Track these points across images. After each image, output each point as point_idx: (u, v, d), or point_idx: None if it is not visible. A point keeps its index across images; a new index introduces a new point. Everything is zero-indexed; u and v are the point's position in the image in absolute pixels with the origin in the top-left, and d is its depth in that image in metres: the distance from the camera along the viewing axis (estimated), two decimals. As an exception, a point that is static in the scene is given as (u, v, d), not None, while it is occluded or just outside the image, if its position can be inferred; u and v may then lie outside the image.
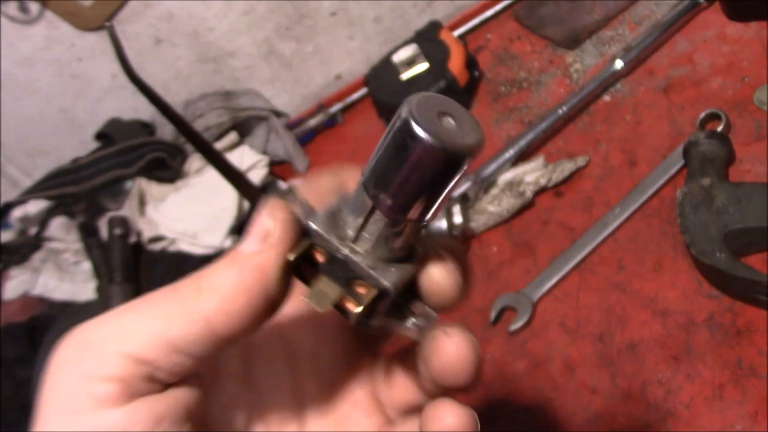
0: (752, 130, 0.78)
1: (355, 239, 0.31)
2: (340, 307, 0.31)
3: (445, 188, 0.29)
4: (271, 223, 0.30)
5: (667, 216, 0.77)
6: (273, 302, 0.30)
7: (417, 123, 0.27)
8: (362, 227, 0.30)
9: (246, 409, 0.34)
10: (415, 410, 0.35)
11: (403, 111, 0.28)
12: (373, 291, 0.30)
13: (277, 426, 0.35)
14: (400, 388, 0.36)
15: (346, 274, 0.30)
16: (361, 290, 0.30)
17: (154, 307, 0.29)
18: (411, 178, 0.28)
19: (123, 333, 0.29)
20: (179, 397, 0.30)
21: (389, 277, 0.30)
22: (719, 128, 0.79)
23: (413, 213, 0.29)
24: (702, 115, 0.81)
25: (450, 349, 0.31)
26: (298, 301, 0.31)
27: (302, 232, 0.30)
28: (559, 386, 0.71)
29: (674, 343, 0.68)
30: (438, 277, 0.31)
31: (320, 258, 0.31)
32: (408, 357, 0.35)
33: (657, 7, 1.01)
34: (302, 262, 0.30)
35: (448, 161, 0.27)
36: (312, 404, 0.36)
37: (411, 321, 0.32)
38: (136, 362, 0.28)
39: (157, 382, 0.29)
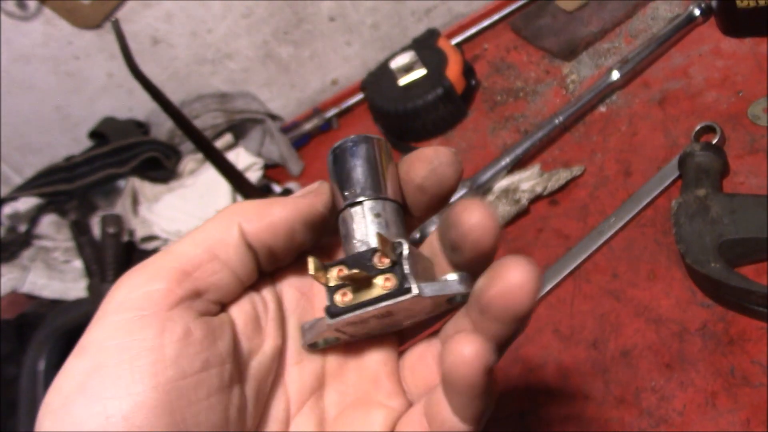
0: (746, 143, 0.79)
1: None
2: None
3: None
4: (314, 187, 0.36)
5: (662, 226, 0.78)
6: (296, 234, 0.35)
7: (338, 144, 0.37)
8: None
9: (276, 372, 0.37)
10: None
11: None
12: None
13: (296, 398, 0.37)
14: (423, 371, 0.37)
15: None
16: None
17: (198, 229, 0.34)
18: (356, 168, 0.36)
19: (171, 251, 0.34)
20: (214, 319, 0.33)
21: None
22: (714, 141, 0.80)
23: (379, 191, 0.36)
24: (697, 127, 0.82)
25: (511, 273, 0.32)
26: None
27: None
28: (552, 392, 0.72)
29: (667, 351, 0.68)
30: (469, 215, 0.33)
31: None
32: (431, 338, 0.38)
33: (653, 21, 1.02)
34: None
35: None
36: (332, 383, 0.38)
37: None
38: (182, 273, 0.33)
39: (201, 297, 0.33)
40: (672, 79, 0.92)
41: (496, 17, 1.19)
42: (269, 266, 0.36)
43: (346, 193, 0.36)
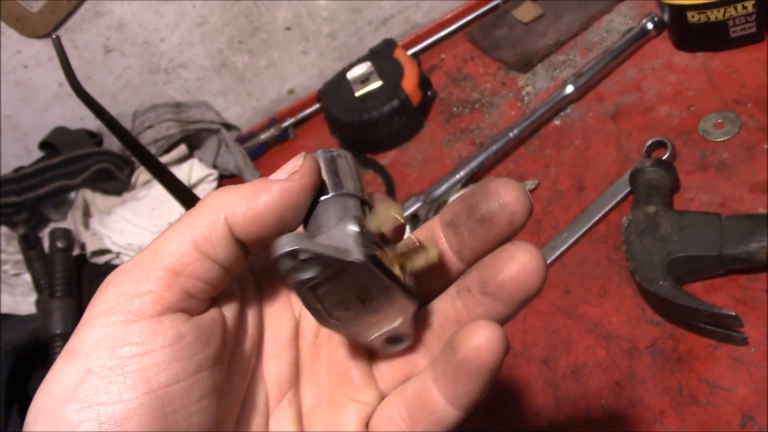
0: (697, 158, 0.80)
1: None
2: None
3: None
4: (299, 163, 0.33)
5: (613, 242, 0.78)
6: (286, 221, 0.33)
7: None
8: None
9: (254, 367, 0.37)
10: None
11: None
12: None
13: (275, 392, 0.37)
14: (397, 361, 0.37)
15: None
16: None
17: (182, 221, 0.33)
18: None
19: (158, 250, 0.32)
20: (205, 319, 0.33)
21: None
22: (665, 156, 0.80)
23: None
24: (648, 142, 0.82)
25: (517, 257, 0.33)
26: None
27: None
28: (505, 409, 0.71)
29: (617, 368, 0.68)
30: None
31: None
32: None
33: (608, 34, 1.02)
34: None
35: None
36: (307, 375, 0.38)
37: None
38: (172, 274, 0.32)
39: (192, 297, 0.32)
40: (625, 93, 0.93)
41: (453, 27, 1.19)
42: (258, 252, 0.35)
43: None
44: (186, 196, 0.80)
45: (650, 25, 0.96)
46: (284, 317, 0.38)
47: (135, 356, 0.30)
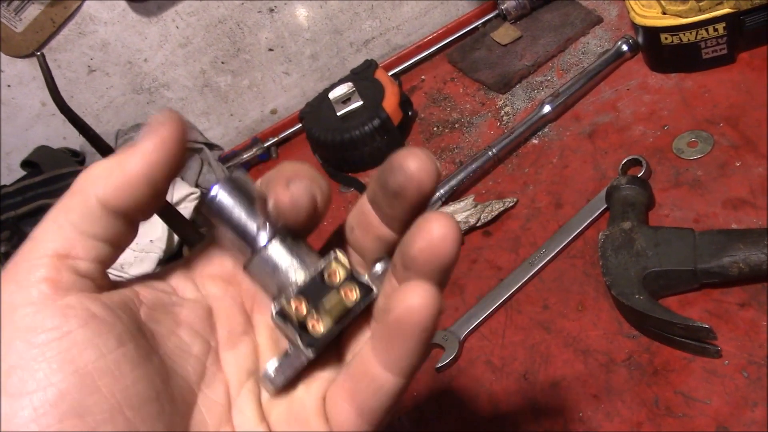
0: (671, 176, 0.82)
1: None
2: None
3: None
4: (162, 117, 0.34)
5: (590, 257, 0.79)
6: (158, 183, 0.33)
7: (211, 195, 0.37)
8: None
9: (199, 357, 0.37)
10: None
11: None
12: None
13: (235, 381, 0.37)
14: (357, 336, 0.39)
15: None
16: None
17: (56, 207, 0.33)
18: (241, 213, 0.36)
19: (39, 239, 0.33)
20: (113, 296, 0.33)
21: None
22: (640, 174, 0.82)
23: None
24: (624, 160, 0.84)
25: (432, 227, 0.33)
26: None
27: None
28: (484, 423, 0.72)
29: (595, 381, 0.69)
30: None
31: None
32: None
33: (584, 56, 1.05)
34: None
35: None
36: (268, 357, 0.38)
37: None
38: (58, 258, 0.32)
39: (85, 277, 0.33)
40: (601, 112, 0.95)
41: (433, 49, 1.20)
42: (141, 219, 0.35)
43: (248, 241, 0.36)
44: (169, 215, 0.81)
45: (625, 47, 0.98)
46: (237, 312, 0.38)
47: (53, 341, 0.30)
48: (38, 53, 0.60)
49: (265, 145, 1.21)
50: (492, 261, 0.85)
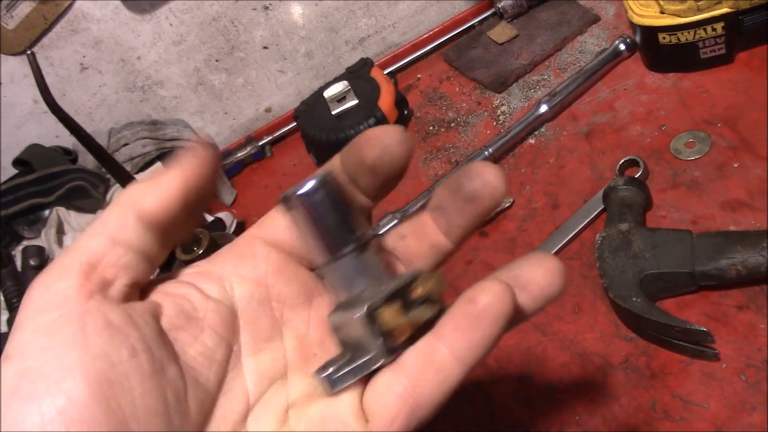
0: (668, 177, 0.81)
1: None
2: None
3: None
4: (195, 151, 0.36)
5: (587, 259, 0.78)
6: (190, 202, 0.35)
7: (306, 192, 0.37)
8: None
9: (222, 362, 0.37)
10: None
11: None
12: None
13: (255, 389, 0.37)
14: None
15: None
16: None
17: (98, 220, 0.35)
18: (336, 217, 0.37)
19: (76, 249, 0.34)
20: (135, 306, 0.34)
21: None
22: (637, 174, 0.81)
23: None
24: (621, 161, 0.83)
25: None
26: (280, 259, 0.38)
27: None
28: (480, 426, 0.71)
29: (591, 385, 0.69)
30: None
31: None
32: None
33: (581, 55, 1.04)
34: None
35: None
36: (295, 371, 0.38)
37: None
38: (89, 266, 0.33)
39: (112, 285, 0.33)
40: (599, 112, 0.94)
41: (429, 47, 1.20)
42: (173, 238, 0.37)
43: (337, 244, 0.36)
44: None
45: (623, 47, 0.97)
46: (263, 316, 0.38)
47: (68, 347, 0.31)
48: (28, 52, 0.59)
49: (260, 143, 1.20)
50: (488, 262, 0.85)
